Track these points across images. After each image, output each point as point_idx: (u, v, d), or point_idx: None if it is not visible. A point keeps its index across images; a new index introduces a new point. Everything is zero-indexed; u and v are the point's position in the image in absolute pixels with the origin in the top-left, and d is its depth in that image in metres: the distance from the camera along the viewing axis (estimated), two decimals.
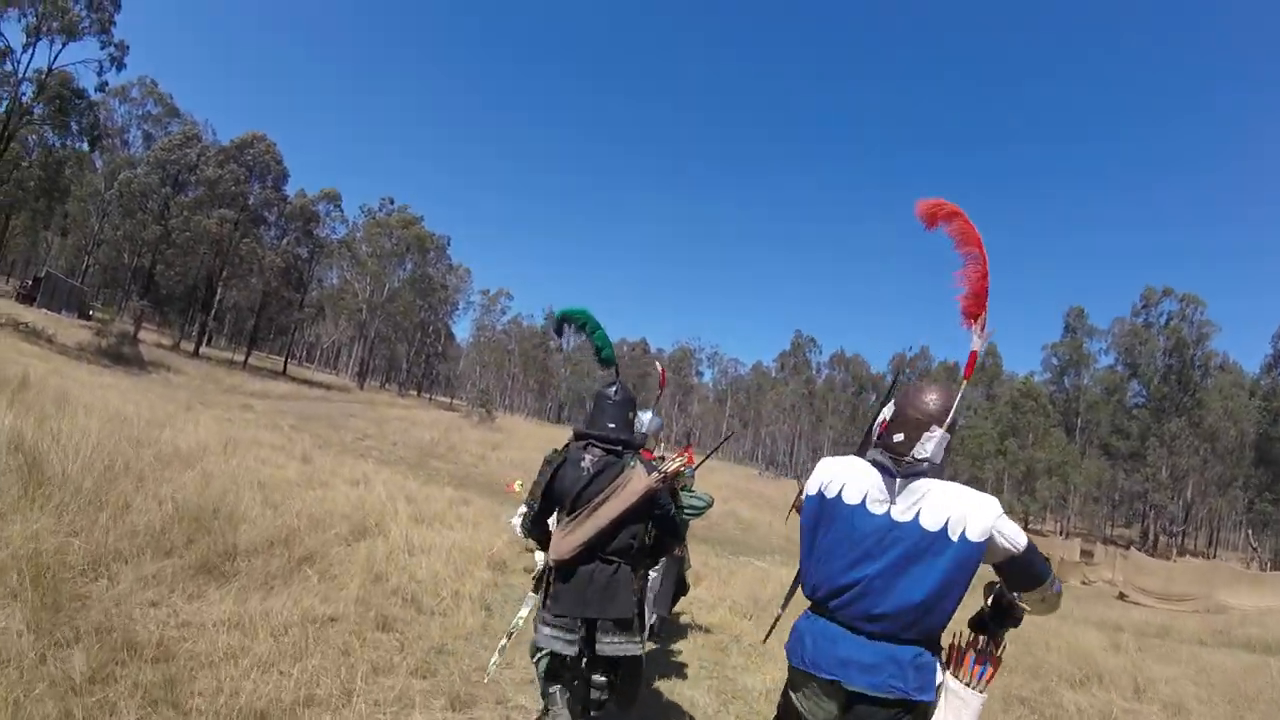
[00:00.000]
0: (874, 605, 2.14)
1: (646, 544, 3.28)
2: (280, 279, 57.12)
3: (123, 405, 12.05)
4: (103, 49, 34.38)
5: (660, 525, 3.28)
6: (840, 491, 2.28)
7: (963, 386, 2.33)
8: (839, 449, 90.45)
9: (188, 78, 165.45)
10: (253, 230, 53.87)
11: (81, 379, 17.54)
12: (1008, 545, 2.14)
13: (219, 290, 55.37)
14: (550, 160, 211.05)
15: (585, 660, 3.14)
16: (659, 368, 7.57)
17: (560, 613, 3.05)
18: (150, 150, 53.23)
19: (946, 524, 2.10)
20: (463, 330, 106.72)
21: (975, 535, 2.09)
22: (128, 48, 35.34)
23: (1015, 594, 2.27)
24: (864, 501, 2.23)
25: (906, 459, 2.23)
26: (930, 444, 2.22)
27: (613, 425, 3.24)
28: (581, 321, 3.72)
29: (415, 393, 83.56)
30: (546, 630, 3.07)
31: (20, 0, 30.26)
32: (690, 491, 4.35)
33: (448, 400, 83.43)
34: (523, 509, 4.75)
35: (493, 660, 3.80)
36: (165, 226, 50.68)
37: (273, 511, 7.21)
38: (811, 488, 2.39)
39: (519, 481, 10.56)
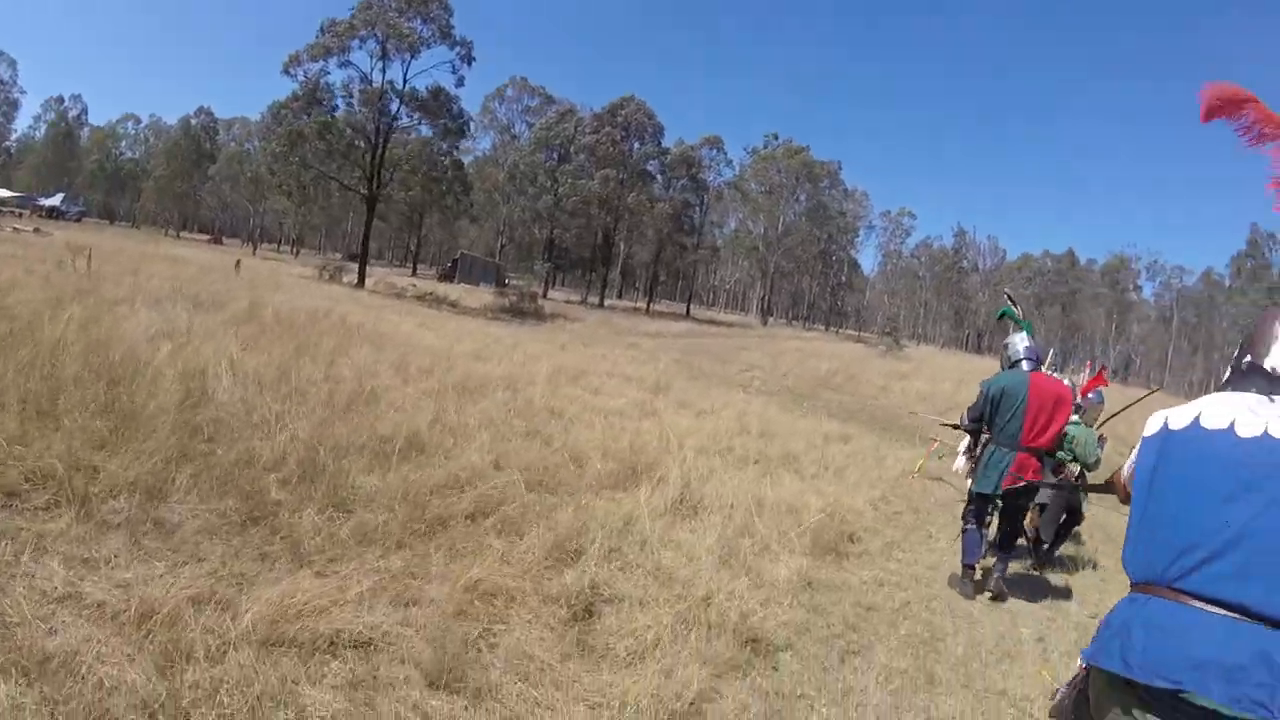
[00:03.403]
0: (1250, 563, 1.49)
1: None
2: (672, 225, 59.98)
3: (455, 345, 11.41)
4: (450, 50, 38.62)
5: None
6: (1196, 420, 1.70)
7: None
8: None
9: (556, 63, 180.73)
10: (638, 184, 57.24)
11: (449, 328, 17.26)
12: None
13: (618, 245, 59.70)
14: (940, 59, 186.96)
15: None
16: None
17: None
18: (531, 132, 60.01)
19: None
20: (869, 260, 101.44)
21: None
22: (472, 43, 39.32)
23: None
24: (1232, 425, 1.65)
25: None
26: None
27: None
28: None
29: (823, 327, 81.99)
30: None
31: (359, 31, 35.96)
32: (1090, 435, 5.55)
33: (856, 333, 79.65)
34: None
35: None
36: (555, 195, 55.52)
37: (532, 444, 5.14)
38: (1148, 429, 1.79)
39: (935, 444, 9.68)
